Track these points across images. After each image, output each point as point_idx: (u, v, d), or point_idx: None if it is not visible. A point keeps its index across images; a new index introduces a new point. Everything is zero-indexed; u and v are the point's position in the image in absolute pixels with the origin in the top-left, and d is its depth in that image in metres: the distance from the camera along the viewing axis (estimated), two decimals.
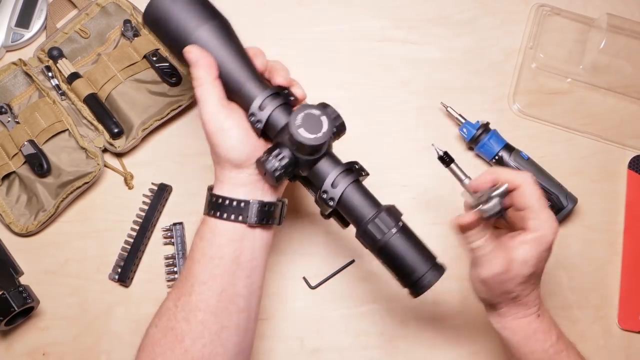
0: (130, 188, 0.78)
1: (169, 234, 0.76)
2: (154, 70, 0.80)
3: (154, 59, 0.80)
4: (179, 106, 0.79)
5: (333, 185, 0.57)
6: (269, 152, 0.57)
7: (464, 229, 0.58)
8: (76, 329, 0.74)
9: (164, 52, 0.81)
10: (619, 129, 0.81)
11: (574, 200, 0.76)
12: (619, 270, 0.76)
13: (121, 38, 0.82)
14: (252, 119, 0.58)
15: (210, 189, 0.61)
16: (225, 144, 0.57)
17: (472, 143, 0.78)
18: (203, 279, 0.57)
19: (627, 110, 0.82)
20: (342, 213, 0.59)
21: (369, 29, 0.85)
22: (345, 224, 0.62)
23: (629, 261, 0.77)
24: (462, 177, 0.60)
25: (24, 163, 0.77)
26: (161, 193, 0.77)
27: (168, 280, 0.75)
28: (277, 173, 0.56)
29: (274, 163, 0.55)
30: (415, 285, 0.56)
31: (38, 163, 0.76)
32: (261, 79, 0.60)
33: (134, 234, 0.76)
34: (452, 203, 0.68)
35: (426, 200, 0.78)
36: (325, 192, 0.57)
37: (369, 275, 0.75)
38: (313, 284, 0.75)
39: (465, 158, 0.80)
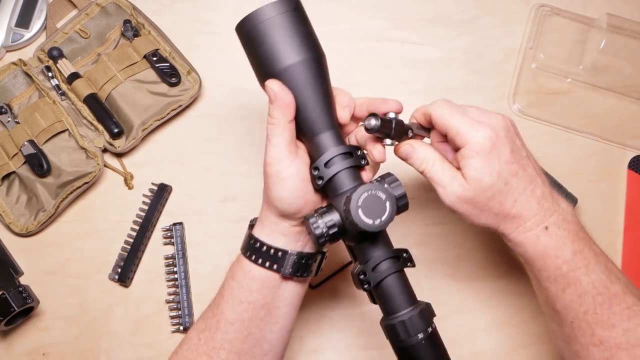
0: (130, 188, 0.79)
1: (169, 234, 0.76)
2: (153, 70, 0.80)
3: (154, 59, 0.80)
4: (179, 106, 0.79)
5: (374, 270, 0.53)
6: (320, 214, 0.53)
7: (404, 150, 0.57)
8: (76, 329, 0.74)
9: (164, 52, 0.81)
10: (618, 129, 0.81)
11: (574, 200, 0.76)
12: None
13: (121, 38, 0.82)
14: (315, 173, 0.54)
15: (251, 226, 0.59)
16: (279, 192, 0.54)
17: None
18: (230, 320, 0.56)
19: (627, 110, 0.82)
20: (374, 295, 0.55)
21: (368, 29, 0.85)
22: (372, 300, 0.57)
23: (629, 261, 0.77)
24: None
25: (23, 163, 0.77)
26: (161, 193, 0.77)
27: (168, 281, 0.75)
28: (322, 240, 0.52)
29: (322, 229, 0.52)
30: None
31: (38, 163, 0.76)
32: (339, 128, 0.56)
33: (134, 234, 0.76)
34: None
35: (426, 200, 0.78)
36: (363, 273, 0.53)
37: None
38: (313, 284, 0.75)
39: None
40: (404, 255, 0.55)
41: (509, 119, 0.56)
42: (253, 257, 0.56)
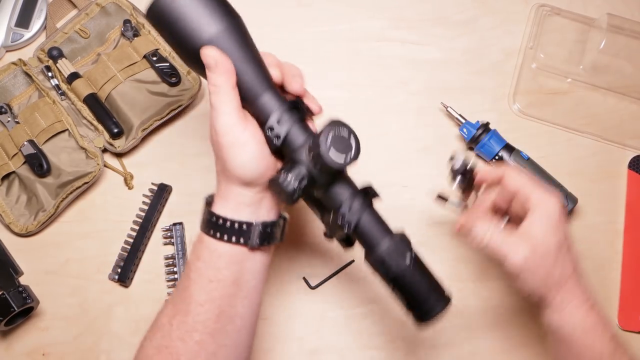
0: (130, 188, 0.78)
1: (169, 234, 0.76)
2: (153, 70, 0.80)
3: (154, 59, 0.80)
4: (179, 106, 0.79)
5: (351, 210, 0.54)
6: (286, 170, 0.52)
7: (464, 227, 0.61)
8: (76, 329, 0.74)
9: (164, 52, 0.81)
10: (619, 129, 0.81)
11: (574, 200, 0.76)
12: (619, 271, 0.76)
13: (121, 38, 0.82)
14: (270, 133, 0.53)
15: (209, 203, 0.57)
16: (239, 159, 0.53)
17: (472, 143, 0.78)
18: (200, 301, 0.54)
19: (627, 110, 0.82)
20: (353, 237, 0.57)
21: (368, 29, 0.85)
22: (348, 245, 0.59)
23: (629, 261, 0.77)
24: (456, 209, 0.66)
25: (23, 163, 0.77)
26: (161, 193, 0.77)
27: (168, 281, 0.75)
28: (295, 196, 0.52)
29: (293, 184, 0.52)
30: (423, 315, 0.55)
31: (38, 163, 0.76)
32: (276, 87, 0.56)
33: (134, 234, 0.76)
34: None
35: (426, 200, 0.78)
36: (342, 216, 0.54)
37: (368, 275, 0.75)
38: (313, 284, 0.75)
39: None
40: (370, 190, 0.57)
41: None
42: (218, 235, 0.54)
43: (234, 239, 0.54)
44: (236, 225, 0.54)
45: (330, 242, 0.76)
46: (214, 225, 0.55)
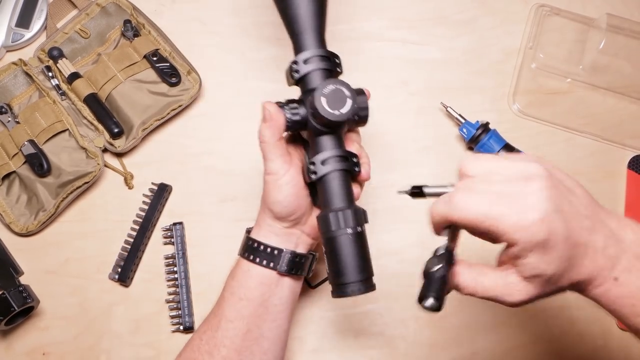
0: (130, 188, 0.79)
1: (169, 234, 0.76)
2: (154, 70, 0.80)
3: (154, 59, 0.80)
4: (179, 106, 0.79)
5: (323, 162, 0.57)
6: (288, 104, 0.58)
7: (451, 284, 0.49)
8: (76, 329, 0.74)
9: (164, 52, 0.81)
10: (618, 129, 0.81)
11: None
12: None
13: (121, 38, 0.82)
14: (294, 66, 0.59)
15: (248, 231, 0.63)
16: (275, 197, 0.59)
17: (472, 143, 0.78)
18: (230, 317, 0.59)
19: (627, 110, 0.82)
20: (317, 190, 0.60)
21: (368, 29, 0.85)
22: (314, 201, 0.62)
23: None
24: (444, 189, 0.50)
25: (24, 163, 0.77)
26: (161, 193, 0.77)
27: (168, 280, 0.75)
28: (285, 125, 0.58)
29: (288, 115, 0.58)
30: (340, 287, 0.56)
31: (38, 163, 0.76)
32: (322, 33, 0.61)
33: (134, 233, 0.76)
34: None
35: (426, 200, 0.78)
36: (312, 163, 0.58)
37: None
38: (313, 283, 0.75)
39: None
40: (354, 159, 0.59)
41: (543, 169, 0.45)
42: (251, 257, 0.60)
43: (265, 262, 0.60)
44: (268, 249, 0.60)
45: None
46: (249, 248, 0.61)
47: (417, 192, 0.52)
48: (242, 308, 0.59)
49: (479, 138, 0.77)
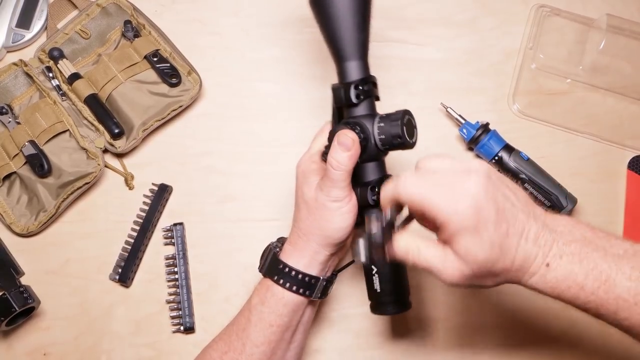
0: (130, 188, 0.79)
1: (170, 235, 0.77)
2: (154, 70, 0.80)
3: (155, 59, 0.80)
4: (180, 106, 0.79)
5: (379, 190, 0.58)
6: (352, 127, 0.57)
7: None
8: (77, 329, 0.74)
9: (165, 52, 0.81)
10: (618, 129, 0.82)
11: (574, 201, 0.76)
12: None
13: (122, 39, 0.82)
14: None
15: (275, 252, 0.61)
16: (337, 224, 0.58)
17: (472, 143, 0.78)
18: (257, 343, 0.59)
19: (627, 111, 0.82)
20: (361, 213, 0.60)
21: None
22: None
23: None
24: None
25: (24, 163, 0.77)
26: (161, 193, 0.77)
27: (168, 281, 0.75)
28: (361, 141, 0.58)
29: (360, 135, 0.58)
30: (379, 306, 0.61)
31: (39, 163, 0.76)
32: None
33: (135, 234, 0.76)
34: None
35: None
36: (373, 188, 0.58)
37: None
38: None
39: (465, 158, 0.80)
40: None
41: (484, 167, 0.50)
42: (287, 285, 0.59)
43: (301, 290, 0.60)
44: (307, 278, 0.60)
45: None
46: (283, 274, 0.60)
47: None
48: (271, 334, 0.59)
49: (479, 138, 0.77)
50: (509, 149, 0.77)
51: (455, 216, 0.47)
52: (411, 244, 0.52)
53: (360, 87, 0.59)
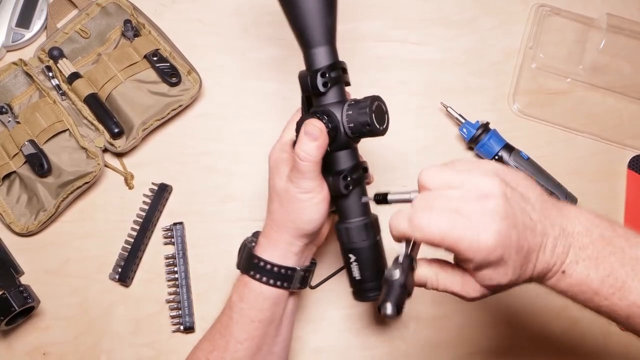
0: (130, 188, 0.79)
1: (170, 234, 0.76)
2: (154, 70, 0.80)
3: (155, 59, 0.80)
4: (179, 106, 0.79)
5: (348, 179, 0.58)
6: (319, 115, 0.56)
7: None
8: (76, 329, 0.74)
9: (165, 52, 0.81)
10: (618, 129, 0.82)
11: (574, 200, 0.76)
12: None
13: (121, 38, 0.82)
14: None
15: (251, 247, 0.60)
16: (309, 215, 0.57)
17: (472, 143, 0.78)
18: (240, 339, 0.59)
19: (627, 110, 0.82)
20: (337, 202, 0.60)
21: (368, 28, 0.85)
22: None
23: None
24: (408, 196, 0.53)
25: (24, 163, 0.77)
26: (161, 193, 0.77)
27: (168, 280, 0.75)
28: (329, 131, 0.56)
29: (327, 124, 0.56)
30: (364, 292, 0.60)
31: (38, 163, 0.76)
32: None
33: (135, 233, 0.76)
34: None
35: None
36: (346, 177, 0.57)
37: None
38: (313, 284, 0.75)
39: (465, 158, 0.80)
40: (365, 167, 0.61)
41: (497, 186, 0.46)
42: (264, 279, 0.59)
43: (278, 283, 0.59)
44: (282, 270, 0.59)
45: (330, 243, 0.77)
46: (260, 270, 0.59)
47: (380, 199, 0.55)
48: (254, 330, 0.59)
49: (479, 138, 0.77)
50: (508, 148, 0.77)
51: (479, 253, 0.45)
52: (429, 275, 0.51)
53: (328, 74, 0.57)
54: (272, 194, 0.60)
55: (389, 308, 0.47)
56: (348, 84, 0.61)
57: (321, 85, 0.57)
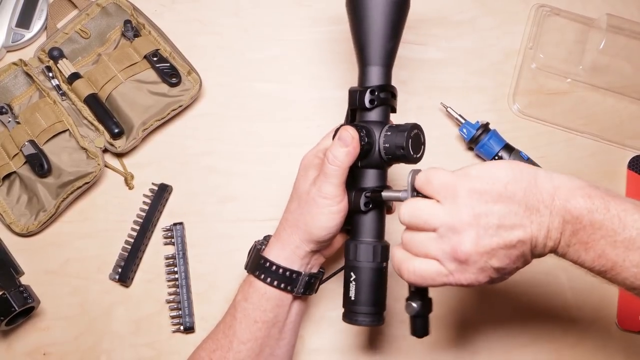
0: (130, 188, 0.79)
1: (170, 234, 0.77)
2: (154, 70, 0.80)
3: (155, 59, 0.80)
4: (180, 106, 0.79)
5: (369, 198, 0.58)
6: (358, 129, 0.57)
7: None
8: (77, 329, 0.74)
9: (165, 52, 0.81)
10: (618, 129, 0.82)
11: None
12: None
13: (121, 38, 0.82)
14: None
15: (259, 249, 0.61)
16: (323, 222, 0.58)
17: (472, 143, 0.78)
18: (243, 340, 0.59)
19: (627, 110, 0.82)
20: (353, 217, 0.60)
21: None
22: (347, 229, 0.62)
23: None
24: (399, 195, 0.56)
25: (24, 163, 0.77)
26: (161, 193, 0.77)
27: (168, 281, 0.75)
28: (362, 144, 0.57)
29: (364, 139, 0.57)
30: (350, 314, 0.59)
31: (38, 163, 0.76)
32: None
33: (135, 234, 0.76)
34: None
35: None
36: (372, 192, 0.58)
37: None
38: None
39: (465, 158, 0.80)
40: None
41: (466, 220, 0.49)
42: (268, 280, 0.59)
43: (282, 285, 0.59)
44: (287, 272, 0.59)
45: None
46: (265, 270, 0.60)
47: (374, 196, 0.58)
48: (257, 330, 0.59)
49: (479, 138, 0.77)
50: (509, 148, 0.77)
51: (474, 285, 0.50)
52: (401, 261, 0.53)
53: (376, 93, 0.59)
54: (293, 194, 0.61)
55: (420, 334, 0.54)
56: (394, 110, 0.62)
57: (368, 102, 0.59)
